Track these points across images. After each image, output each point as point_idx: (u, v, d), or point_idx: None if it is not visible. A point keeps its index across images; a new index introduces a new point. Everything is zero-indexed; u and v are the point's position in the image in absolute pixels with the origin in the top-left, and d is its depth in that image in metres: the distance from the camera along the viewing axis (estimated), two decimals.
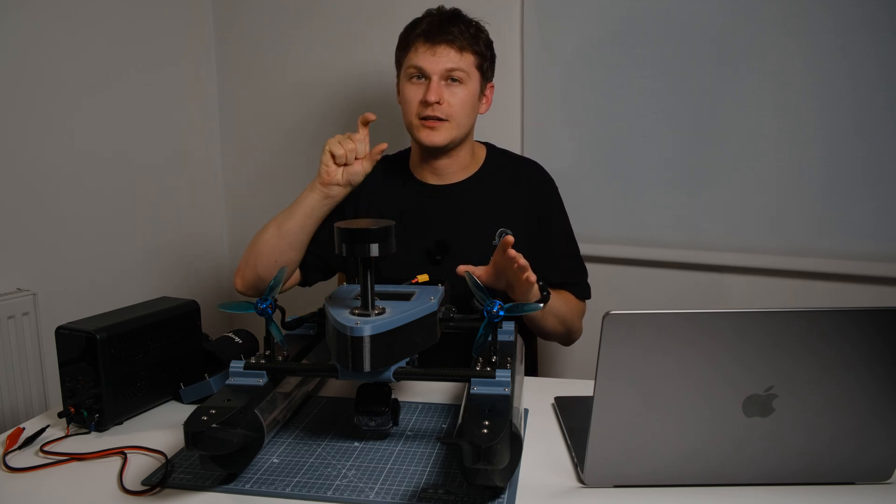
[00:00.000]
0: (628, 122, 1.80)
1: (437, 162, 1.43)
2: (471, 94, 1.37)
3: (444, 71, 1.34)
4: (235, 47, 2.17)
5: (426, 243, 1.41)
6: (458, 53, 1.34)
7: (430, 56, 1.34)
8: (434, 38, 1.34)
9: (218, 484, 0.87)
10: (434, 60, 1.34)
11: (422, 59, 1.34)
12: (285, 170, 2.18)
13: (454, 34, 1.34)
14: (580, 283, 1.47)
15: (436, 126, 1.35)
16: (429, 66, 1.34)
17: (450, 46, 1.34)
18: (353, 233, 0.89)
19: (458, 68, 1.34)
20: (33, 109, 1.64)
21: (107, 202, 1.85)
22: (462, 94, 1.36)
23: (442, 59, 1.34)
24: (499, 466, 0.76)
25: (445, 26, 1.35)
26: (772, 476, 0.86)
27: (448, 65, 1.34)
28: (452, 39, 1.34)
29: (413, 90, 1.36)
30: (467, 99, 1.37)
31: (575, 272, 1.47)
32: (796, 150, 1.68)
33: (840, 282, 1.69)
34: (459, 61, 1.35)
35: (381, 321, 0.88)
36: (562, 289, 1.43)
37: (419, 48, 1.35)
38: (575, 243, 1.50)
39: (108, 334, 1.01)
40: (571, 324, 1.41)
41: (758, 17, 1.66)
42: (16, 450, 0.97)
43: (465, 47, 1.35)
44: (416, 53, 1.35)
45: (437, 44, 1.34)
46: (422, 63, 1.34)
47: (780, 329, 0.79)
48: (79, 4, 1.74)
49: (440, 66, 1.34)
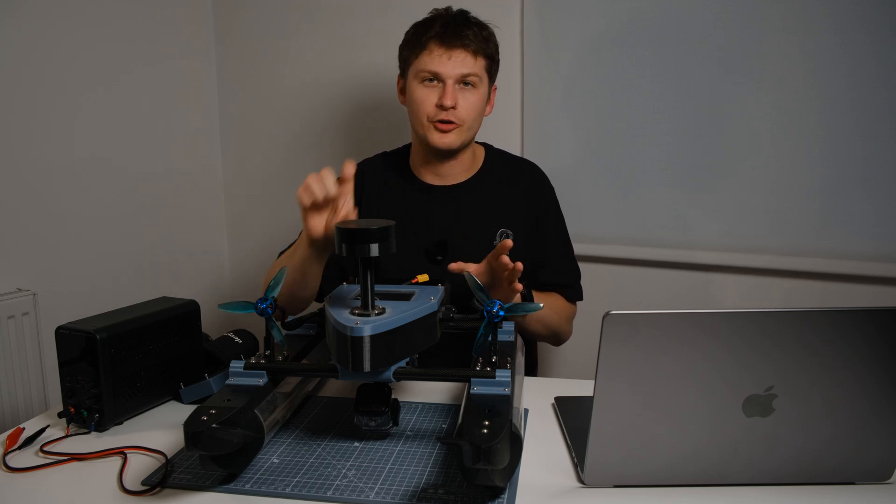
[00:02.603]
0: (628, 123, 1.80)
1: (442, 163, 1.43)
2: (481, 98, 1.37)
3: (459, 76, 1.33)
4: (235, 47, 2.17)
5: (426, 243, 1.41)
6: (473, 58, 1.34)
7: (447, 60, 1.32)
8: (450, 41, 1.33)
9: (218, 484, 0.87)
10: (451, 65, 1.32)
11: (437, 63, 1.33)
12: (285, 169, 2.19)
13: (469, 38, 1.33)
14: (572, 285, 1.47)
15: (448, 129, 1.35)
16: (445, 70, 1.33)
17: (465, 51, 1.33)
18: (353, 233, 0.89)
19: (473, 73, 1.34)
20: (33, 109, 1.64)
21: (107, 202, 1.85)
22: (474, 99, 1.36)
23: (458, 65, 1.33)
24: (499, 466, 0.76)
25: (460, 29, 1.33)
26: (772, 476, 0.86)
27: (464, 70, 1.33)
28: (468, 44, 1.33)
29: (426, 93, 1.35)
30: (479, 103, 1.37)
31: (568, 274, 1.47)
32: (796, 150, 1.68)
33: (840, 282, 1.69)
34: (474, 66, 1.34)
35: (381, 321, 0.88)
36: (554, 290, 1.43)
37: (434, 51, 1.33)
38: (569, 245, 1.50)
39: (108, 334, 1.01)
40: (558, 328, 1.42)
41: (757, 17, 1.66)
42: (16, 450, 0.97)
43: (478, 51, 1.34)
44: (431, 57, 1.33)
45: (453, 48, 1.33)
46: (437, 67, 1.33)
47: (780, 329, 0.79)
48: (79, 5, 1.74)
49: (456, 71, 1.33)
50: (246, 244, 2.29)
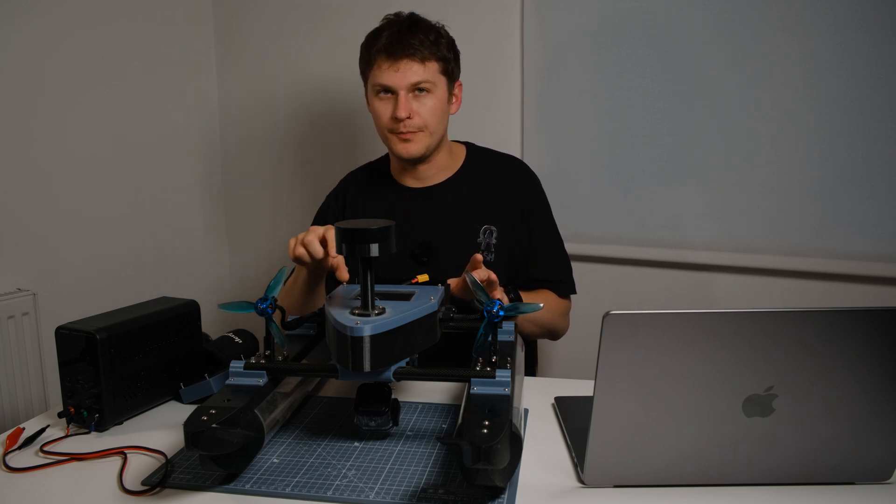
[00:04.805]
0: (628, 123, 1.80)
1: (416, 168, 1.44)
2: (440, 101, 1.37)
3: (409, 85, 1.33)
4: (235, 47, 2.17)
5: (411, 246, 1.41)
6: (422, 65, 1.33)
7: (394, 72, 1.33)
8: (395, 53, 1.32)
9: (218, 484, 0.87)
10: (398, 76, 1.33)
11: (386, 77, 1.33)
12: (285, 169, 2.19)
13: (415, 46, 1.32)
14: (563, 280, 1.47)
15: (410, 137, 1.36)
16: (394, 82, 1.33)
17: (412, 60, 1.32)
18: (353, 233, 0.89)
19: (424, 80, 1.34)
20: (34, 109, 1.65)
21: (107, 202, 1.85)
22: (431, 103, 1.35)
23: (406, 74, 1.33)
24: (499, 466, 0.76)
25: (405, 38, 1.33)
26: (772, 476, 0.86)
27: (413, 79, 1.33)
28: (413, 52, 1.32)
29: (382, 106, 1.36)
30: (437, 106, 1.37)
31: (558, 269, 1.47)
32: (796, 150, 1.68)
33: (840, 282, 1.69)
34: (424, 73, 1.34)
35: (381, 321, 0.88)
36: (544, 286, 1.44)
37: (382, 65, 1.34)
38: (559, 239, 1.50)
39: (108, 334, 1.01)
40: (551, 325, 1.42)
41: (757, 17, 1.66)
42: (16, 450, 0.97)
43: (427, 57, 1.34)
44: (380, 70, 1.34)
45: (398, 59, 1.32)
46: (386, 80, 1.33)
47: (780, 329, 0.79)
48: (79, 5, 1.74)
49: (405, 81, 1.33)
50: (246, 244, 2.29)
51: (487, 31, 1.87)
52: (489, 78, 1.88)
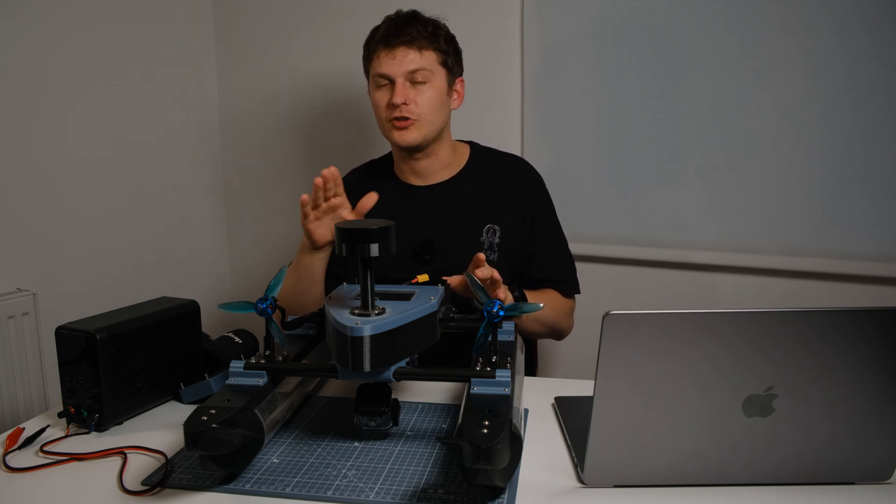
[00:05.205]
0: (628, 123, 1.80)
1: (418, 162, 1.44)
2: (438, 92, 1.38)
3: (406, 73, 1.34)
4: (235, 47, 2.17)
5: (413, 244, 1.41)
6: (419, 53, 1.35)
7: (391, 60, 1.34)
8: (392, 41, 1.35)
9: (218, 484, 0.87)
10: (395, 63, 1.34)
11: (384, 65, 1.35)
12: (285, 169, 2.19)
13: (412, 35, 1.34)
14: (567, 279, 1.47)
15: (406, 125, 1.36)
16: (390, 69, 1.34)
17: (409, 47, 1.34)
18: (353, 233, 0.89)
19: (421, 68, 1.35)
20: (34, 109, 1.64)
21: (107, 202, 1.85)
22: (429, 93, 1.36)
23: (403, 61, 1.34)
24: (499, 466, 0.76)
25: (402, 28, 1.35)
26: (772, 476, 0.86)
27: (410, 66, 1.34)
28: (410, 41, 1.34)
29: (380, 95, 1.38)
30: (434, 97, 1.37)
31: (561, 268, 1.47)
32: (796, 150, 1.68)
33: (840, 282, 1.69)
34: (420, 61, 1.35)
35: (381, 321, 0.88)
36: (548, 286, 1.44)
37: (380, 55, 1.36)
38: (562, 239, 1.50)
39: (108, 334, 1.01)
40: (555, 324, 1.42)
41: (757, 17, 1.66)
42: (16, 450, 0.97)
43: (424, 46, 1.35)
44: (379, 60, 1.36)
45: (395, 47, 1.34)
46: (384, 69, 1.35)
47: (780, 329, 0.79)
48: (79, 5, 1.74)
49: (402, 69, 1.34)
50: (246, 244, 2.29)
51: (487, 31, 1.87)
52: (489, 78, 1.88)
